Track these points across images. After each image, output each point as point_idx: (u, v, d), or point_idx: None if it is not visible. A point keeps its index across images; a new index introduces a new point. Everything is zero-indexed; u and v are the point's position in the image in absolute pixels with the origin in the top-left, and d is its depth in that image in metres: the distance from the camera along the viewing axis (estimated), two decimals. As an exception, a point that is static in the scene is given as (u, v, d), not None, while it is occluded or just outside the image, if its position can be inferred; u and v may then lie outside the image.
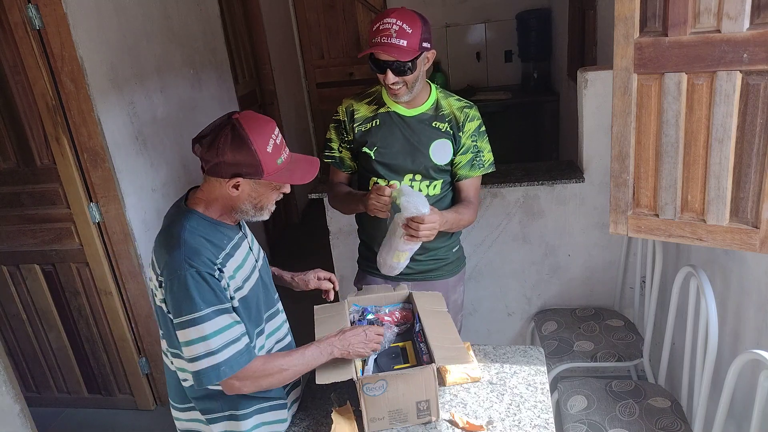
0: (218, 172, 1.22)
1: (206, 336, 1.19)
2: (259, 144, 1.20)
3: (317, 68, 5.23)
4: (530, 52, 4.59)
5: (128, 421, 2.79)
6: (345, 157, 1.80)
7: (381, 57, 1.55)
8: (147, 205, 2.63)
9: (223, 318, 1.21)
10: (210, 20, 3.37)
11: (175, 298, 1.20)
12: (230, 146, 1.19)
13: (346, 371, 1.29)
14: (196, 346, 1.20)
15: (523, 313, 2.62)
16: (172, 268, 1.20)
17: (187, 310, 1.19)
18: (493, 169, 1.78)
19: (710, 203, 1.28)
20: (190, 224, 1.25)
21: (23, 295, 2.67)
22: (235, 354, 1.22)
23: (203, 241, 1.24)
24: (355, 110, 1.74)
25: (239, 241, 1.35)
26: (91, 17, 2.30)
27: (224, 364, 1.20)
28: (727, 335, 1.66)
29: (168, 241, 1.24)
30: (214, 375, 1.21)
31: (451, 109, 1.71)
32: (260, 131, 1.21)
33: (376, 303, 1.64)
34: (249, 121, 1.22)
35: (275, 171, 1.24)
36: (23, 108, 2.33)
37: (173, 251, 1.21)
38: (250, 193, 1.26)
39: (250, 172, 1.21)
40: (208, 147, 1.21)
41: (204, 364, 1.20)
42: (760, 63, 1.13)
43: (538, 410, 1.36)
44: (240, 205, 1.28)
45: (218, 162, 1.20)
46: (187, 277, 1.18)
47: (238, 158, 1.19)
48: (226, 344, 1.21)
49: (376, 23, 1.55)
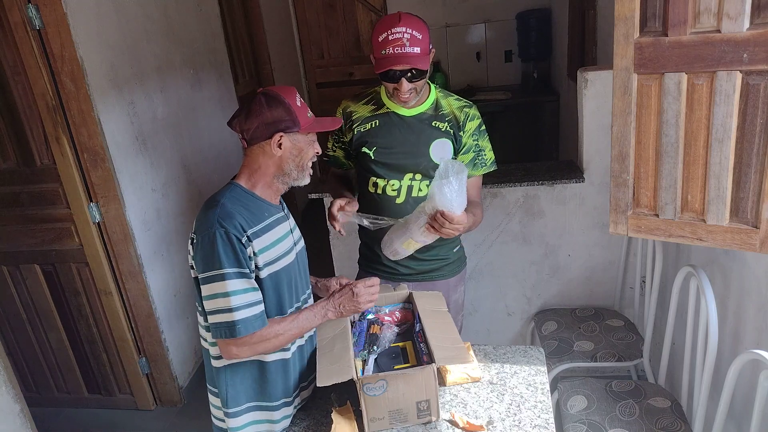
0: (259, 135, 1.32)
1: (228, 293, 1.26)
2: (291, 99, 1.33)
3: (317, 68, 5.23)
4: (530, 52, 4.60)
5: (128, 421, 2.79)
6: (339, 155, 1.83)
7: (398, 68, 1.54)
8: (147, 205, 2.63)
9: (243, 281, 1.28)
10: (210, 20, 3.38)
11: (203, 254, 1.27)
12: (266, 106, 1.30)
13: (347, 371, 1.29)
14: (217, 300, 1.27)
15: (523, 313, 2.62)
16: (204, 226, 1.28)
17: (211, 266, 1.26)
18: (495, 167, 1.78)
19: (710, 203, 1.28)
20: (232, 193, 1.35)
21: (23, 295, 2.67)
22: (251, 317, 1.28)
23: (242, 209, 1.32)
24: (353, 111, 1.74)
25: (280, 219, 1.42)
26: (91, 17, 2.30)
27: (240, 323, 1.27)
28: (727, 335, 1.66)
29: (208, 205, 1.34)
30: (226, 330, 1.27)
31: (450, 109, 1.71)
32: (287, 92, 1.34)
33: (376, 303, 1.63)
34: (275, 87, 1.36)
35: (309, 123, 1.36)
36: (23, 108, 2.33)
37: (209, 211, 1.30)
38: (292, 149, 1.35)
39: (289, 125, 1.32)
40: (246, 117, 1.32)
41: (221, 318, 1.27)
42: (760, 63, 1.13)
43: (538, 410, 1.36)
44: (284, 166, 1.36)
45: (258, 125, 1.31)
46: (216, 235, 1.26)
47: (276, 114, 1.30)
48: (244, 305, 1.27)
49: (383, 33, 1.53)
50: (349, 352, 1.36)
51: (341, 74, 5.19)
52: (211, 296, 1.28)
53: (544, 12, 4.53)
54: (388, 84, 1.60)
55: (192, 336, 2.96)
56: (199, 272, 1.29)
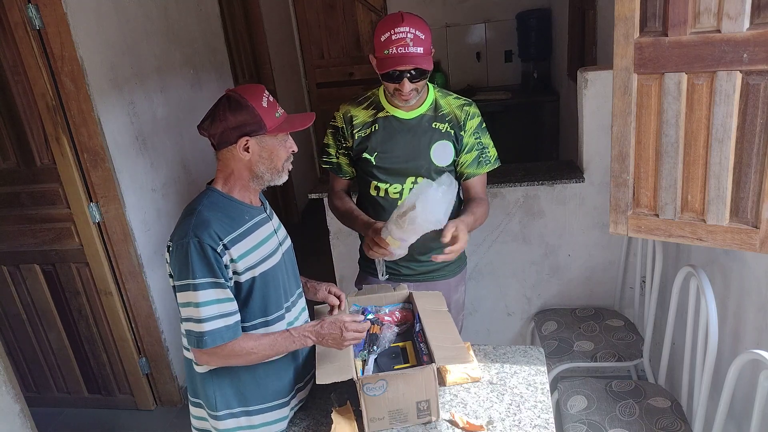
0: (226, 140, 1.29)
1: (198, 303, 1.25)
2: (255, 101, 1.28)
3: (317, 68, 5.23)
4: (530, 52, 4.60)
5: (128, 421, 2.79)
6: (342, 163, 1.79)
7: (401, 68, 1.53)
8: (147, 205, 2.63)
9: (216, 291, 1.26)
10: (210, 20, 3.38)
11: (177, 263, 1.27)
12: (229, 111, 1.27)
13: (347, 371, 1.29)
14: (187, 309, 1.27)
15: (523, 313, 2.62)
16: (179, 235, 1.28)
17: (185, 275, 1.26)
18: (498, 164, 1.77)
19: (710, 203, 1.28)
20: (209, 199, 1.33)
21: (23, 295, 2.67)
22: (220, 328, 1.27)
23: (220, 215, 1.30)
24: (354, 116, 1.72)
25: (262, 221, 1.40)
26: (91, 17, 2.30)
27: (207, 335, 1.26)
28: (727, 335, 1.66)
29: (185, 213, 1.33)
30: (195, 340, 1.27)
31: (450, 108, 1.70)
32: (252, 92, 1.29)
33: (376, 303, 1.64)
34: (239, 88, 1.31)
35: (276, 123, 1.31)
36: (23, 108, 2.33)
37: (185, 219, 1.30)
38: (260, 152, 1.32)
39: (254, 129, 1.28)
40: (211, 121, 1.29)
41: (191, 327, 1.27)
42: (760, 63, 1.13)
43: (538, 410, 1.36)
44: (255, 169, 1.34)
45: (223, 130, 1.28)
46: (189, 245, 1.25)
47: (240, 119, 1.27)
48: (214, 316, 1.26)
49: (386, 32, 1.52)
50: (349, 352, 1.37)
51: (341, 74, 5.19)
52: (184, 304, 1.27)
53: (544, 12, 4.53)
54: (390, 84, 1.59)
55: (192, 336, 2.96)
56: (174, 280, 1.29)
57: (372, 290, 1.67)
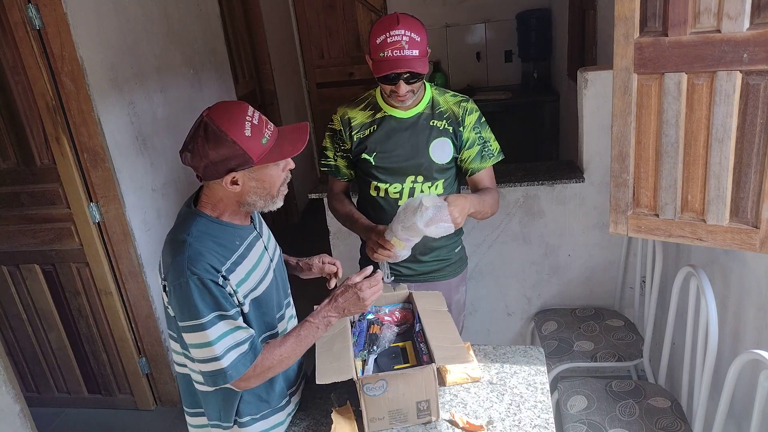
0: (210, 174, 1.19)
1: (210, 342, 1.19)
2: (235, 132, 1.14)
3: (317, 68, 5.23)
4: (530, 52, 4.60)
5: (128, 421, 2.79)
6: (341, 165, 1.79)
7: (396, 71, 1.52)
8: (147, 205, 2.63)
9: (225, 324, 1.20)
10: (210, 20, 3.38)
11: (178, 304, 1.20)
12: (209, 145, 1.14)
13: (346, 371, 1.29)
14: (202, 350, 1.21)
15: (523, 313, 2.62)
16: (174, 275, 1.18)
17: (189, 316, 1.19)
18: (502, 156, 1.76)
19: (710, 203, 1.28)
20: (197, 228, 1.23)
21: (23, 295, 2.67)
22: (238, 357, 1.22)
23: (211, 244, 1.21)
24: (351, 118, 1.72)
25: (253, 240, 1.33)
26: (91, 17, 2.30)
27: (230, 369, 1.21)
28: (727, 335, 1.66)
29: (173, 246, 1.22)
30: (221, 378, 1.22)
31: (448, 106, 1.70)
32: (231, 118, 1.15)
33: (376, 303, 1.63)
34: (218, 112, 1.17)
35: (263, 152, 1.18)
36: (23, 108, 2.33)
37: (176, 256, 1.19)
38: (252, 184, 1.22)
39: (240, 163, 1.16)
40: (191, 154, 1.18)
41: (211, 367, 1.21)
42: (760, 63, 1.13)
43: (538, 410, 1.36)
44: (247, 199, 1.24)
45: (206, 164, 1.17)
46: (189, 284, 1.16)
47: (221, 153, 1.14)
48: (229, 348, 1.21)
49: (381, 35, 1.52)
50: (349, 352, 1.36)
51: (341, 74, 5.19)
52: (196, 345, 1.21)
53: (544, 12, 4.53)
54: (386, 86, 1.59)
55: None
56: (179, 320, 1.22)
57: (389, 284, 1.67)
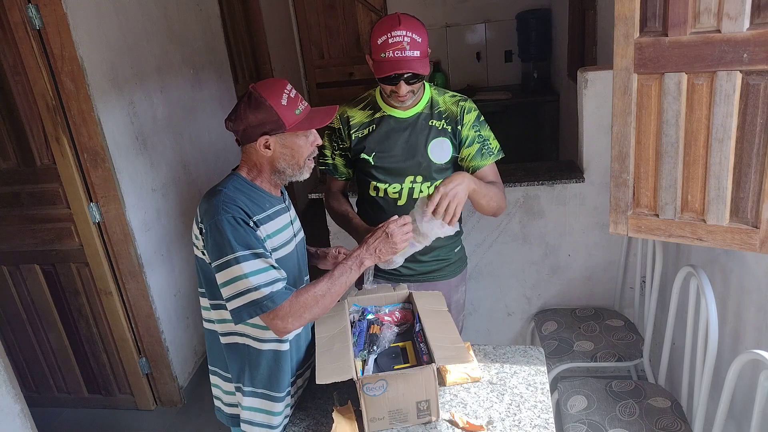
0: (248, 137, 1.32)
1: (246, 274, 1.25)
2: (274, 100, 1.29)
3: (317, 68, 5.23)
4: (530, 52, 4.60)
5: (128, 421, 2.79)
6: (338, 164, 1.79)
7: (397, 72, 1.52)
8: (147, 205, 2.63)
9: (260, 261, 1.27)
10: (210, 20, 3.38)
11: (214, 242, 1.27)
12: (250, 109, 1.30)
13: (347, 371, 1.29)
14: (237, 284, 1.25)
15: (523, 313, 2.62)
16: (210, 214, 1.28)
17: (224, 252, 1.25)
18: (502, 155, 1.75)
19: (710, 203, 1.28)
20: (233, 184, 1.35)
21: (23, 295, 2.67)
22: (275, 291, 1.26)
23: (244, 198, 1.33)
24: (350, 116, 1.72)
25: (281, 210, 1.42)
26: (91, 17, 2.30)
27: (266, 299, 1.25)
28: (727, 335, 1.66)
29: (210, 194, 1.34)
30: (256, 308, 1.26)
31: (446, 106, 1.70)
32: (272, 89, 1.31)
33: (376, 303, 1.64)
34: (262, 84, 1.33)
35: (296, 121, 1.32)
36: (23, 108, 2.33)
37: (212, 199, 1.30)
38: (282, 150, 1.34)
39: (274, 128, 1.30)
40: (234, 118, 1.32)
41: (245, 300, 1.25)
42: (760, 63, 1.13)
43: (538, 410, 1.36)
44: (277, 165, 1.36)
45: (245, 128, 1.31)
46: (223, 221, 1.26)
47: (259, 117, 1.29)
48: (265, 283, 1.26)
49: (382, 35, 1.51)
50: (349, 352, 1.36)
51: (341, 74, 5.19)
52: (229, 281, 1.26)
53: (544, 12, 4.53)
54: (386, 86, 1.59)
55: (192, 336, 2.96)
56: (213, 260, 1.28)
57: (372, 290, 1.67)
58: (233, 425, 1.52)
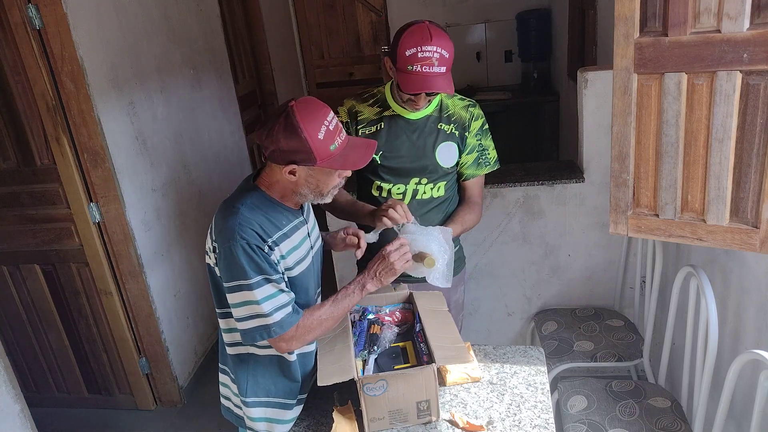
0: (275, 159, 1.27)
1: (258, 301, 1.26)
2: (310, 131, 1.21)
3: (317, 68, 5.23)
4: (530, 52, 4.59)
5: (128, 421, 2.79)
6: None
7: (424, 90, 1.51)
8: (147, 205, 2.63)
9: (271, 286, 1.28)
10: (210, 20, 3.37)
11: (226, 265, 1.27)
12: (283, 134, 1.22)
13: (347, 371, 1.29)
14: (246, 307, 1.28)
15: (523, 313, 2.62)
16: (224, 237, 1.26)
17: (237, 277, 1.26)
18: (498, 166, 1.77)
19: (710, 203, 1.28)
20: (252, 200, 1.31)
21: (23, 295, 2.67)
22: (284, 317, 1.30)
23: (261, 217, 1.30)
24: (359, 111, 1.71)
25: (299, 224, 1.40)
26: (91, 17, 2.30)
27: (275, 326, 1.29)
28: (727, 335, 1.66)
29: (227, 211, 1.30)
30: (264, 333, 1.29)
31: (455, 109, 1.70)
32: (312, 118, 1.23)
33: (376, 303, 1.64)
34: (303, 108, 1.23)
35: (328, 157, 1.25)
36: (23, 108, 2.33)
37: (228, 219, 1.27)
38: (307, 179, 1.30)
39: (304, 159, 1.24)
40: (266, 135, 1.25)
41: (254, 324, 1.29)
42: (760, 63, 1.13)
43: (538, 410, 1.36)
44: (299, 190, 1.33)
45: (274, 149, 1.25)
46: (237, 248, 1.24)
47: (291, 145, 1.22)
48: (275, 309, 1.28)
49: (412, 48, 1.48)
50: (350, 352, 1.36)
51: (341, 74, 5.19)
52: (241, 304, 1.28)
53: (544, 12, 4.53)
54: (405, 94, 1.58)
55: (192, 336, 2.96)
56: (224, 281, 1.29)
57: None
58: (241, 425, 1.52)
